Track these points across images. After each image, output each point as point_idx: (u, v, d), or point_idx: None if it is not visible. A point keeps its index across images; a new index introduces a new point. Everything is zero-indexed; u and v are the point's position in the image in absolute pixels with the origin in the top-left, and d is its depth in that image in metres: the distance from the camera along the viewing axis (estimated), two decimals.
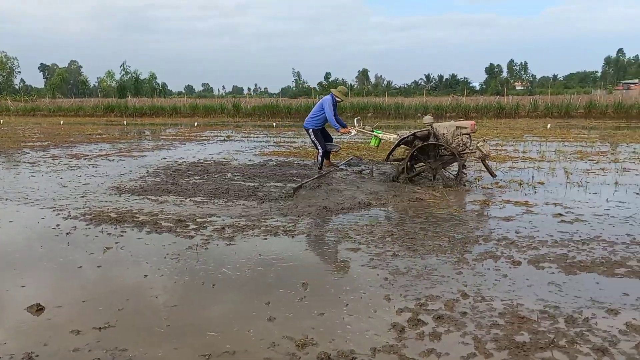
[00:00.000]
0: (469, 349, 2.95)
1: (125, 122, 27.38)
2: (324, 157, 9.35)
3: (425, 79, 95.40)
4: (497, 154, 11.46)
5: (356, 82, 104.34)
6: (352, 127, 9.10)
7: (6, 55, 78.32)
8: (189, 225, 5.71)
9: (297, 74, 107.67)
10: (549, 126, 19.55)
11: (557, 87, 75.94)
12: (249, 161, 11.01)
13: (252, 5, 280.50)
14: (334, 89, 9.36)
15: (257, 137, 17.72)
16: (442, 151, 7.97)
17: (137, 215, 6.16)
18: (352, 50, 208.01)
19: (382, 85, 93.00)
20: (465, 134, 7.85)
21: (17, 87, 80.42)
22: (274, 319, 3.38)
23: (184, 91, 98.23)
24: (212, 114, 32.91)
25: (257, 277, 4.17)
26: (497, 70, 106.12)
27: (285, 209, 6.37)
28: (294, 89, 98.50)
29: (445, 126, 7.99)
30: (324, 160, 9.39)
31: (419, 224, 5.65)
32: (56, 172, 9.66)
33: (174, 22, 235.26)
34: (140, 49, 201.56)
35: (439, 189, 7.45)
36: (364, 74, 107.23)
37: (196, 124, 25.14)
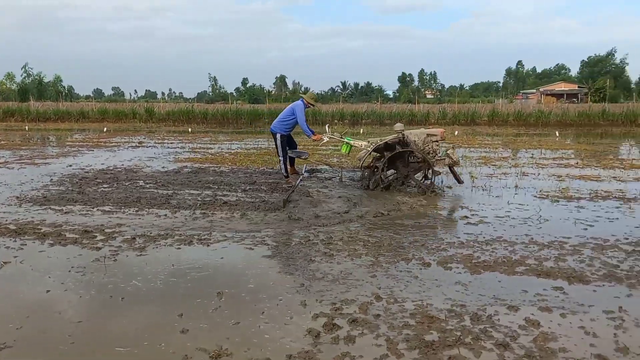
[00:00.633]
0: (382, 351, 3.03)
1: (27, 128, 25.57)
2: (286, 164, 8.99)
3: (341, 86, 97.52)
4: None
5: (274, 88, 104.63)
6: (324, 134, 9.03)
7: None
8: (96, 236, 5.42)
9: (214, 79, 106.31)
10: (456, 133, 20.59)
11: (463, 96, 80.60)
12: (163, 168, 10.66)
13: (168, 8, 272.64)
14: (303, 94, 9.17)
15: (172, 143, 17.20)
16: (412, 158, 8.09)
17: (39, 226, 5.77)
18: (270, 56, 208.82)
19: (300, 91, 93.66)
20: (435, 142, 8.09)
21: None
22: (187, 330, 3.28)
23: (92, 95, 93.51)
24: (123, 119, 31.57)
25: (169, 288, 4.04)
26: (409, 79, 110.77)
27: (199, 217, 6.23)
28: (211, 94, 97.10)
29: (416, 134, 8.18)
30: (289, 167, 9.10)
31: (334, 229, 5.74)
32: None
33: (83, 23, 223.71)
34: (45, 51, 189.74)
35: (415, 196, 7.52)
36: (282, 80, 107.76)
37: (106, 129, 24.00)
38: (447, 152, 8.18)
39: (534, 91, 78.17)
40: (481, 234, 5.58)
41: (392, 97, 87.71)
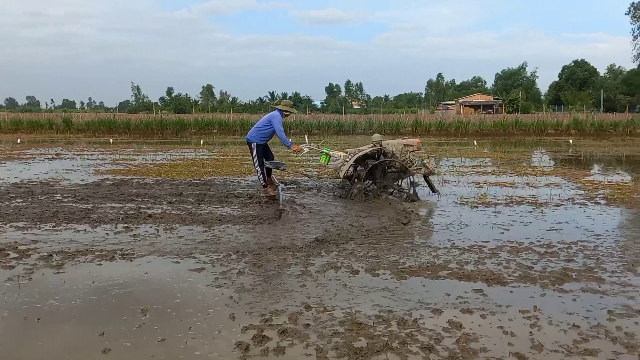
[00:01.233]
0: None
1: None
2: (264, 173, 8.46)
3: (270, 96, 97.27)
4: None
5: (200, 97, 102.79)
6: (304, 145, 8.83)
7: None
8: (9, 254, 5.08)
9: (137, 88, 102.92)
10: None
11: (388, 107, 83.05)
12: (82, 181, 10.16)
13: (88, 14, 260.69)
14: (278, 104, 8.71)
15: (92, 154, 16.45)
16: (388, 169, 8.17)
17: None
18: (196, 65, 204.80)
19: (228, 101, 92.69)
20: (411, 152, 8.25)
21: None
22: (109, 350, 3.14)
23: (4, 104, 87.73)
24: (38, 129, 29.94)
25: (90, 306, 3.85)
26: (336, 90, 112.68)
27: (121, 231, 5.99)
28: (134, 103, 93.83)
29: (393, 144, 8.28)
30: (267, 177, 8.63)
31: (261, 240, 5.70)
32: None
33: None
34: None
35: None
36: (209, 90, 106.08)
37: (19, 140, 22.56)
38: (424, 161, 8.39)
39: (454, 102, 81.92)
40: (406, 240, 5.76)
41: (319, 107, 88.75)
